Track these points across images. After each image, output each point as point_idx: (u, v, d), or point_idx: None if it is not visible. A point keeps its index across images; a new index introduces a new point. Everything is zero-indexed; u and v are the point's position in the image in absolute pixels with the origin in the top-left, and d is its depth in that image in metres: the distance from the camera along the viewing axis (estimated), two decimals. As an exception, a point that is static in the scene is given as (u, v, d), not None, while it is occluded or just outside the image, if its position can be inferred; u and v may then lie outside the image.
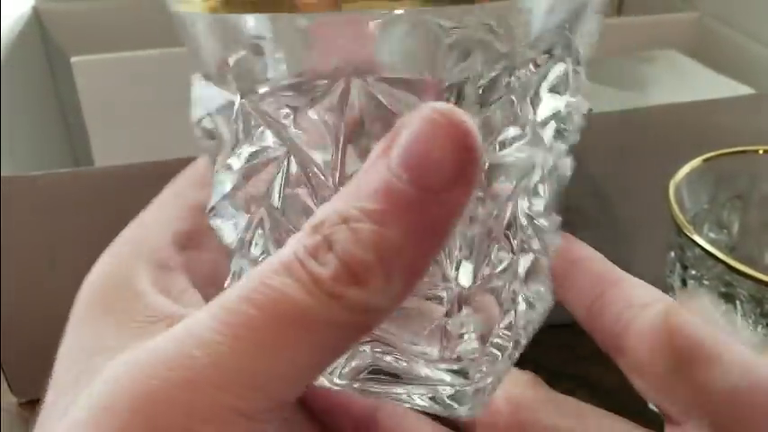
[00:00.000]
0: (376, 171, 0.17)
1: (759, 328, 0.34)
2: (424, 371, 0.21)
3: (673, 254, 0.37)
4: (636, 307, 0.22)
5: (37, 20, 0.69)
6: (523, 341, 0.23)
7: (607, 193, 0.50)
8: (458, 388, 0.21)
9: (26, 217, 0.43)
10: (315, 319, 0.17)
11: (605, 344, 0.23)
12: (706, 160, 0.40)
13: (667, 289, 0.38)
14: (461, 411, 0.21)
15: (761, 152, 0.41)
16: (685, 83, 0.76)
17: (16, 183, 0.42)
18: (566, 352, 0.47)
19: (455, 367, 0.21)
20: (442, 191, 0.16)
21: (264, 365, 0.17)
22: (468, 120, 0.16)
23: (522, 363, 0.24)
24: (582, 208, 0.49)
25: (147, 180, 0.28)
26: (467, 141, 0.16)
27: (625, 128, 0.48)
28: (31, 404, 0.49)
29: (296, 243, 0.17)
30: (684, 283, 0.37)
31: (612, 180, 0.50)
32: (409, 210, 0.16)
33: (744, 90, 0.68)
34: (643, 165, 0.49)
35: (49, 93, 0.70)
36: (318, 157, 0.19)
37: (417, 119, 0.16)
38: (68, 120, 0.70)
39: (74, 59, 0.60)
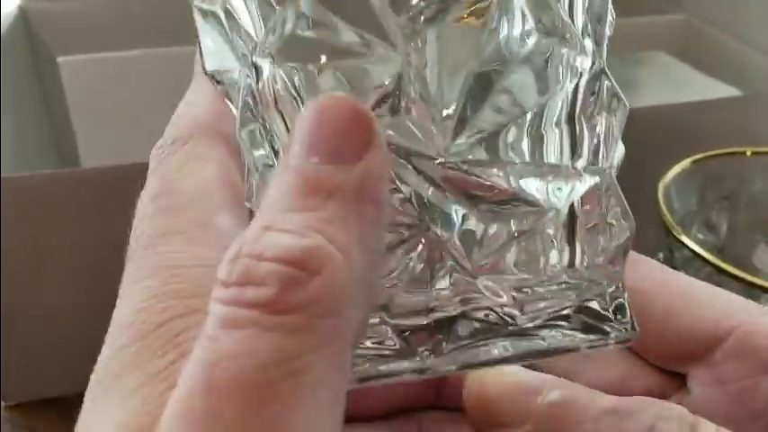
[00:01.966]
0: (282, 177, 0.15)
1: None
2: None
3: (661, 255, 0.37)
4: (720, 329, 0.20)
5: (23, 19, 0.68)
6: None
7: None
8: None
9: (17, 216, 0.43)
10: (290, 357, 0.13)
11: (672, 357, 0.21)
12: (694, 161, 0.40)
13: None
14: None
15: (749, 153, 0.41)
16: (673, 84, 0.76)
17: (12, 183, 0.41)
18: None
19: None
20: (356, 156, 0.15)
21: None
22: (347, 96, 0.16)
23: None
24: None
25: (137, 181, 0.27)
26: (355, 108, 0.15)
27: (614, 129, 0.48)
28: (19, 408, 0.48)
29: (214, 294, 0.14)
30: (673, 284, 0.37)
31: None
32: (335, 186, 0.15)
33: (731, 91, 0.69)
34: (631, 166, 0.49)
35: (35, 92, 0.69)
36: None
37: (302, 117, 0.16)
38: (54, 119, 0.69)
39: (60, 59, 0.60)
